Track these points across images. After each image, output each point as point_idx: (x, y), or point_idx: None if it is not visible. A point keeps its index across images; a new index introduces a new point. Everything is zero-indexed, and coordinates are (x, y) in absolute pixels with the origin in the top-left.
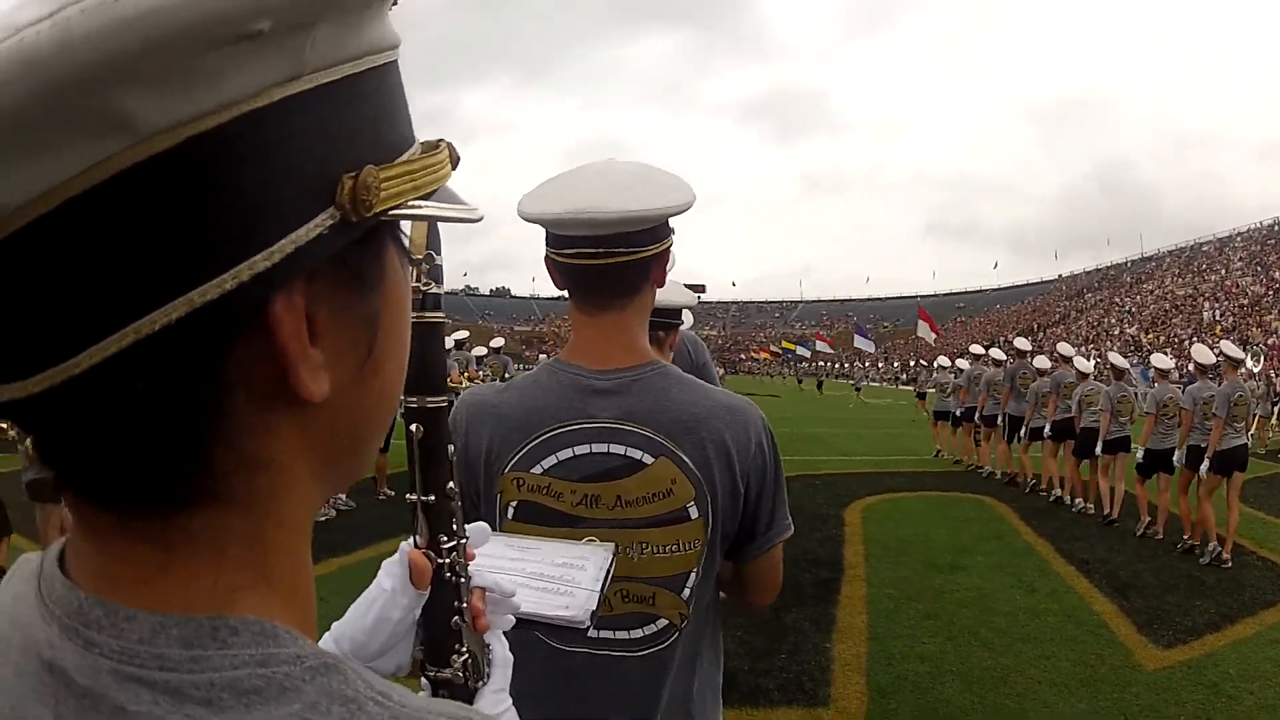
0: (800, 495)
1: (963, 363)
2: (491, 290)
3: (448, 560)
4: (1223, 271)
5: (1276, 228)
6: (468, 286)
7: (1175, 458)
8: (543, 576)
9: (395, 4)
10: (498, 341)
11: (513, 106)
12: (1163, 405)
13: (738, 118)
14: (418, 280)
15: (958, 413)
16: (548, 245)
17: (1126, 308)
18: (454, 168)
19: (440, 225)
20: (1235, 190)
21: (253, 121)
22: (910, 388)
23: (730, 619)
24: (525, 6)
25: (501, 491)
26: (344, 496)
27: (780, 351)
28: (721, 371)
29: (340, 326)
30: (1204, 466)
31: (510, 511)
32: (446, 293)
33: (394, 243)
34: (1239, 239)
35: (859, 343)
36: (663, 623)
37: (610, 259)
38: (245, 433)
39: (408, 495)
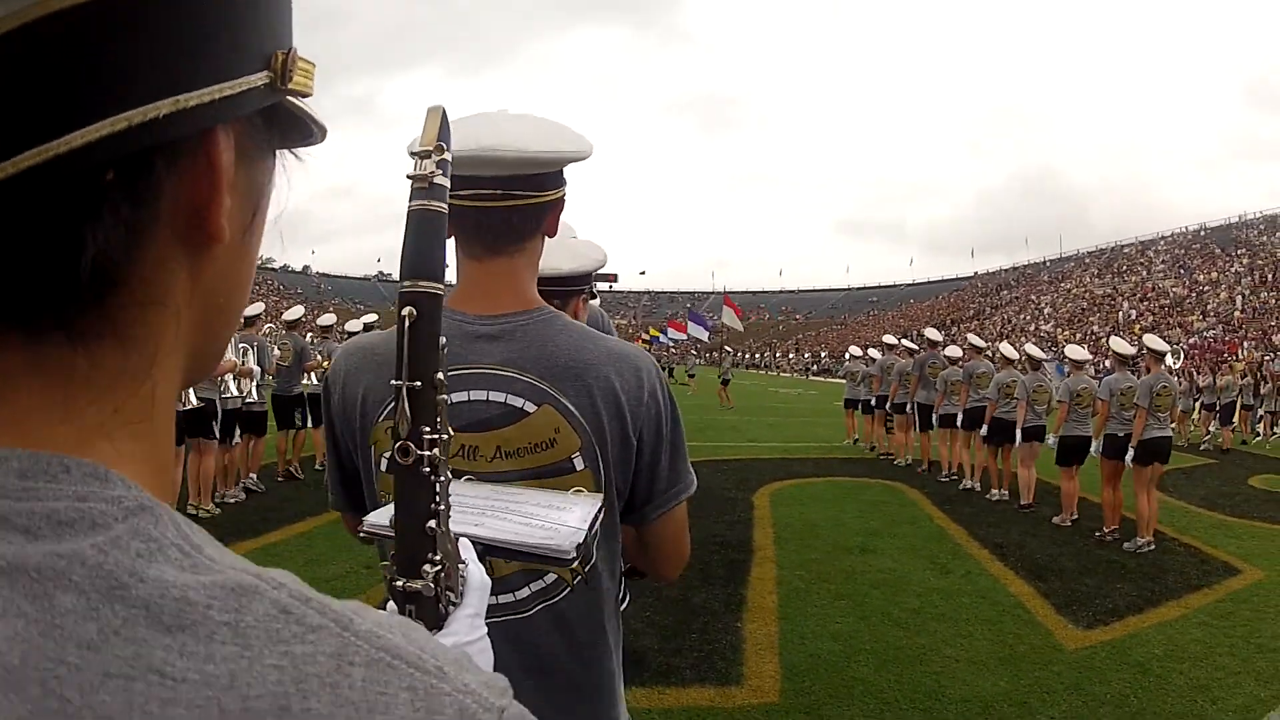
0: (708, 479)
1: (874, 353)
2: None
3: (427, 454)
4: (1144, 273)
5: (1202, 232)
6: (381, 273)
7: (1092, 448)
8: (528, 514)
9: None
10: (370, 317)
11: (448, 95)
12: (1076, 395)
13: (656, 112)
14: (427, 171)
15: (870, 401)
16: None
17: (1042, 305)
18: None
19: (361, 212)
20: (1160, 198)
21: None
22: (821, 379)
23: (639, 597)
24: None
25: (375, 442)
26: (254, 476)
27: (648, 339)
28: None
29: (243, 184)
30: (1129, 456)
31: (384, 463)
32: (360, 278)
33: (279, 137)
34: (1162, 242)
35: (693, 330)
36: (550, 577)
37: (510, 201)
38: (155, 267)
39: (392, 381)
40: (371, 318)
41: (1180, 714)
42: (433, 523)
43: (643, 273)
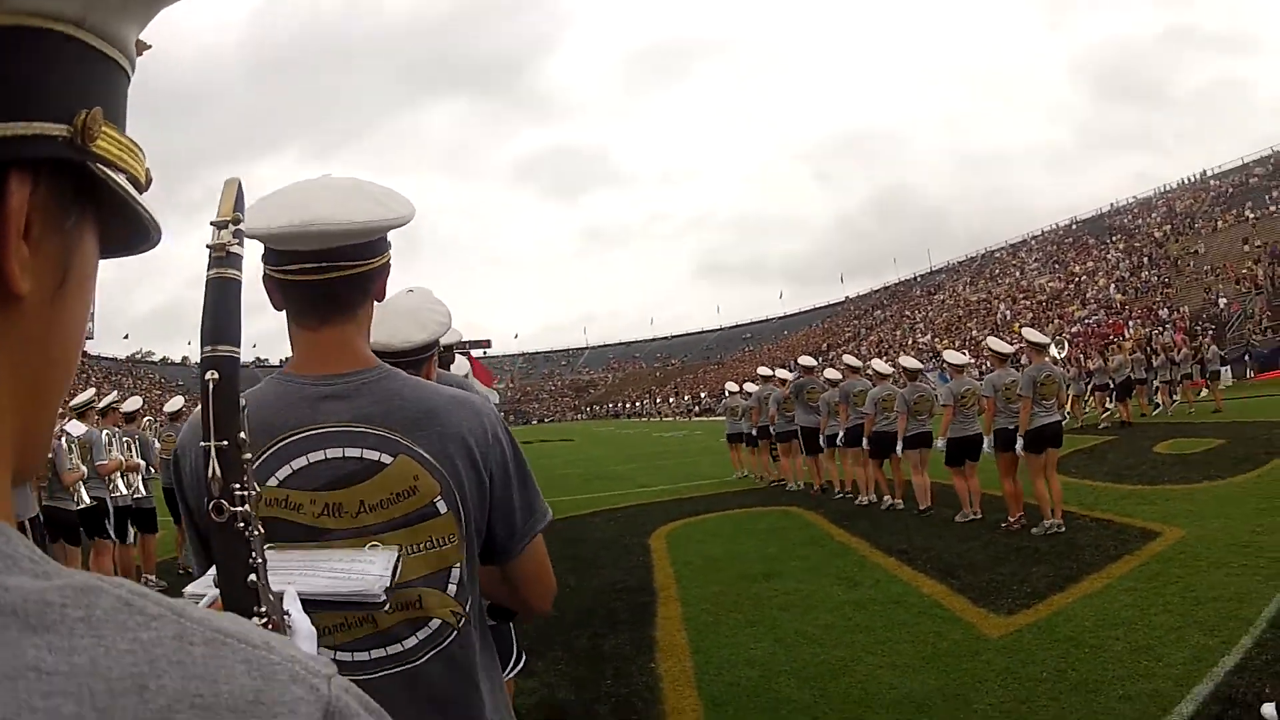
0: (602, 529)
1: (751, 386)
2: (281, 360)
3: (240, 509)
4: (1017, 274)
5: (1072, 226)
6: (258, 359)
7: (985, 444)
8: (333, 570)
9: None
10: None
11: (300, 176)
12: (960, 397)
13: (518, 178)
14: (223, 240)
15: (752, 432)
16: (265, 263)
17: (918, 319)
18: (146, 177)
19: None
20: (1023, 201)
21: (30, 33)
22: (704, 418)
23: (548, 651)
24: (316, 84)
25: None
26: (152, 576)
27: None
28: (534, 421)
29: (46, 240)
30: (1019, 445)
31: None
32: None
33: (93, 217)
34: (1034, 241)
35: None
36: (436, 623)
37: (333, 273)
38: None
39: (201, 442)
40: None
41: (1122, 677)
42: (253, 576)
43: (516, 336)
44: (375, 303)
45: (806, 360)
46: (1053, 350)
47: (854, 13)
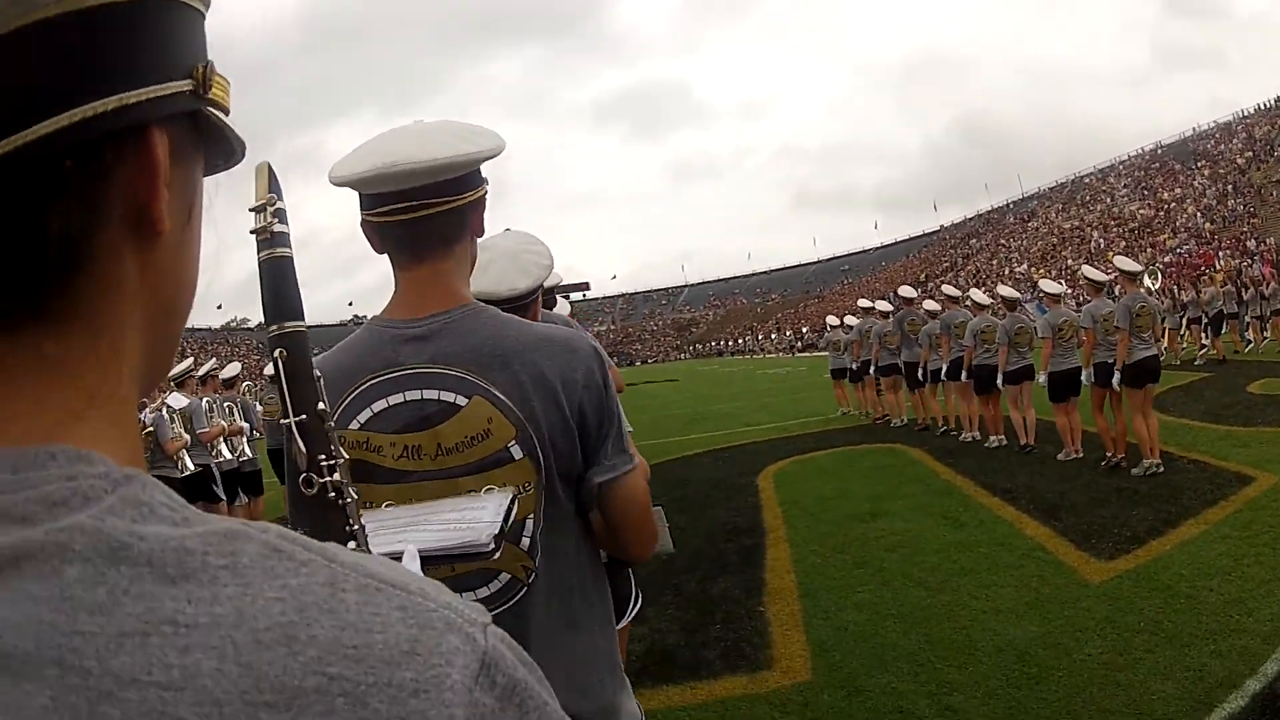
0: (710, 469)
1: (851, 319)
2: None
3: (330, 479)
4: (1108, 200)
5: (1159, 151)
6: (355, 317)
7: (1084, 376)
8: (444, 521)
9: None
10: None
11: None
12: (1057, 329)
13: (600, 119)
14: (266, 223)
15: (854, 367)
16: (362, 209)
17: (1014, 248)
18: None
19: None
20: (1110, 122)
21: (158, 3)
22: (807, 354)
23: (659, 596)
24: (376, 42)
25: None
26: None
27: None
28: (637, 363)
29: (178, 183)
30: (1115, 379)
31: None
32: (335, 324)
33: (202, 151)
34: (1121, 167)
35: None
36: (505, 578)
37: (424, 210)
38: (108, 254)
39: (280, 420)
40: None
41: (1215, 631)
42: (352, 544)
43: (614, 277)
44: (476, 239)
45: (906, 291)
46: (1146, 280)
47: None
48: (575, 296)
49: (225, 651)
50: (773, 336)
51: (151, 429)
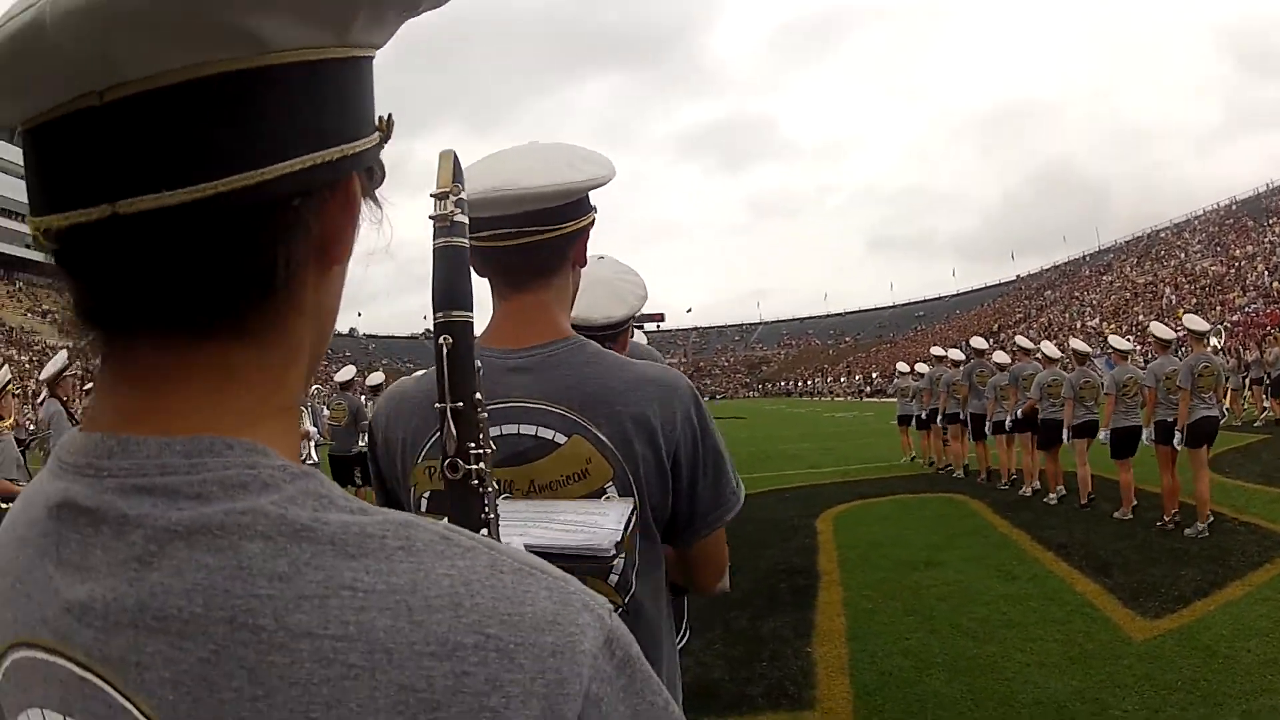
0: (772, 509)
1: (922, 367)
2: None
3: (475, 468)
4: (1181, 256)
5: (1233, 207)
6: (427, 331)
7: (1144, 435)
8: (568, 522)
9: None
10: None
11: (463, 155)
12: (1122, 385)
13: (683, 151)
14: (447, 210)
15: (922, 415)
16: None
17: (1087, 301)
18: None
19: (399, 274)
20: (1185, 177)
21: (346, 64)
22: (875, 399)
23: (707, 630)
24: (470, 61)
25: (415, 484)
26: None
27: None
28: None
29: (352, 222)
30: (1177, 439)
31: (423, 504)
32: (407, 337)
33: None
34: (1196, 222)
35: None
36: None
37: (527, 238)
38: (302, 281)
39: (435, 404)
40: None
41: (1250, 692)
42: (485, 531)
43: (689, 310)
44: (579, 269)
45: (978, 342)
46: (1212, 339)
47: None
48: (649, 327)
49: (399, 611)
50: (841, 380)
51: None
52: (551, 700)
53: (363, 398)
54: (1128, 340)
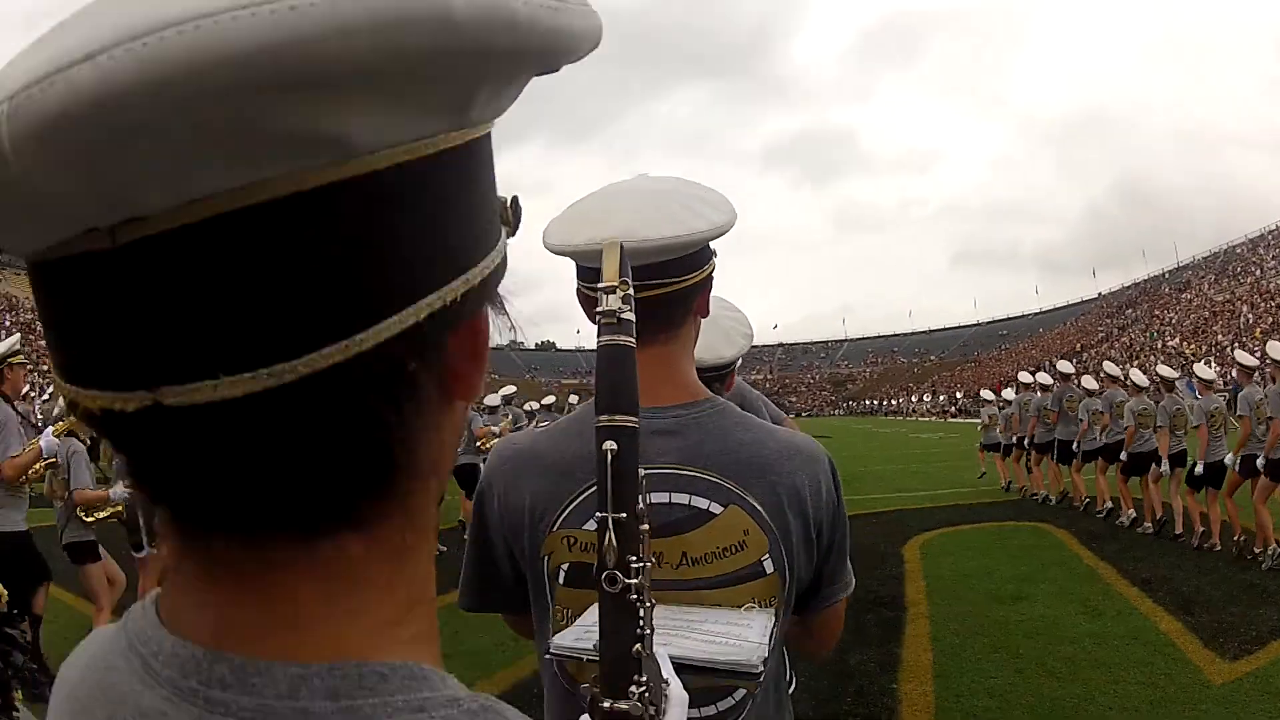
0: (859, 534)
1: (1008, 392)
2: (537, 345)
3: (635, 582)
4: (1257, 272)
5: None
6: (513, 341)
7: (1227, 459)
8: (711, 632)
9: None
10: (549, 399)
11: (549, 167)
12: (1210, 416)
13: (765, 163)
14: (613, 306)
15: (1011, 441)
16: (578, 278)
17: (1167, 320)
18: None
19: None
20: (1260, 188)
21: (463, 153)
22: (959, 419)
23: (794, 663)
24: (550, 76)
25: (550, 553)
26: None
27: None
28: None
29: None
30: (1260, 464)
31: (560, 576)
32: (494, 348)
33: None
34: (1270, 236)
35: None
36: (740, 694)
37: (648, 291)
38: (419, 443)
39: (597, 513)
40: (510, 389)
41: None
42: (638, 646)
43: (775, 327)
44: (700, 318)
45: (1065, 367)
46: None
47: None
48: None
49: None
50: (925, 399)
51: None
52: None
53: None
54: (1212, 368)
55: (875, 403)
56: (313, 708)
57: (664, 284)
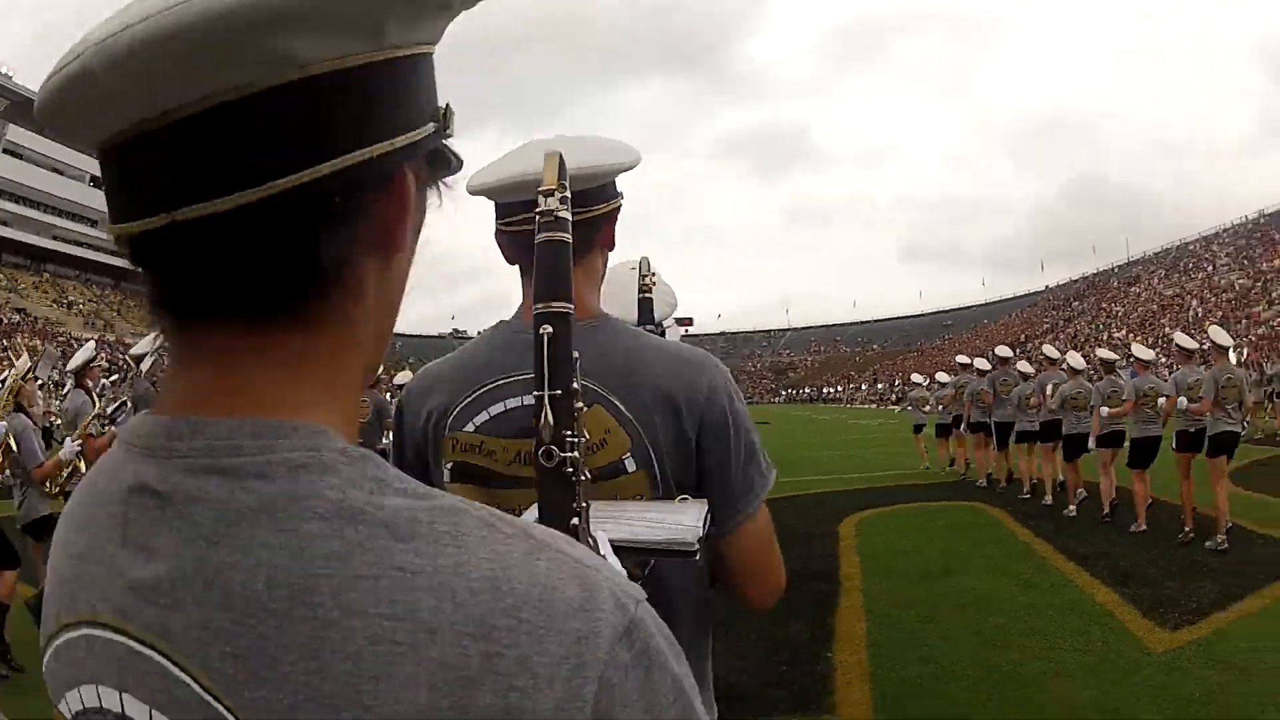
0: (793, 515)
1: (943, 376)
2: (479, 334)
3: (570, 455)
4: (1209, 269)
5: (1261, 220)
6: (455, 330)
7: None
8: (648, 519)
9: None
10: None
11: (500, 151)
12: (1143, 394)
13: (719, 156)
14: (551, 206)
15: (948, 421)
16: (497, 219)
17: (1115, 313)
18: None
19: (428, 273)
20: (1215, 189)
21: (419, 57)
22: (897, 406)
23: (726, 633)
24: (513, 64)
25: (442, 453)
26: None
27: None
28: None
29: (416, 207)
30: (1205, 447)
31: (445, 474)
32: (435, 335)
33: (435, 171)
34: (1225, 234)
35: None
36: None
37: None
38: (359, 270)
39: (534, 392)
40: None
41: (1266, 703)
42: (575, 520)
43: (719, 316)
44: (607, 252)
45: (1003, 351)
46: (1232, 355)
47: None
48: (680, 331)
49: (443, 593)
50: (863, 388)
51: None
52: (572, 683)
53: (388, 395)
54: (1150, 350)
55: (816, 391)
56: (240, 445)
57: (576, 212)
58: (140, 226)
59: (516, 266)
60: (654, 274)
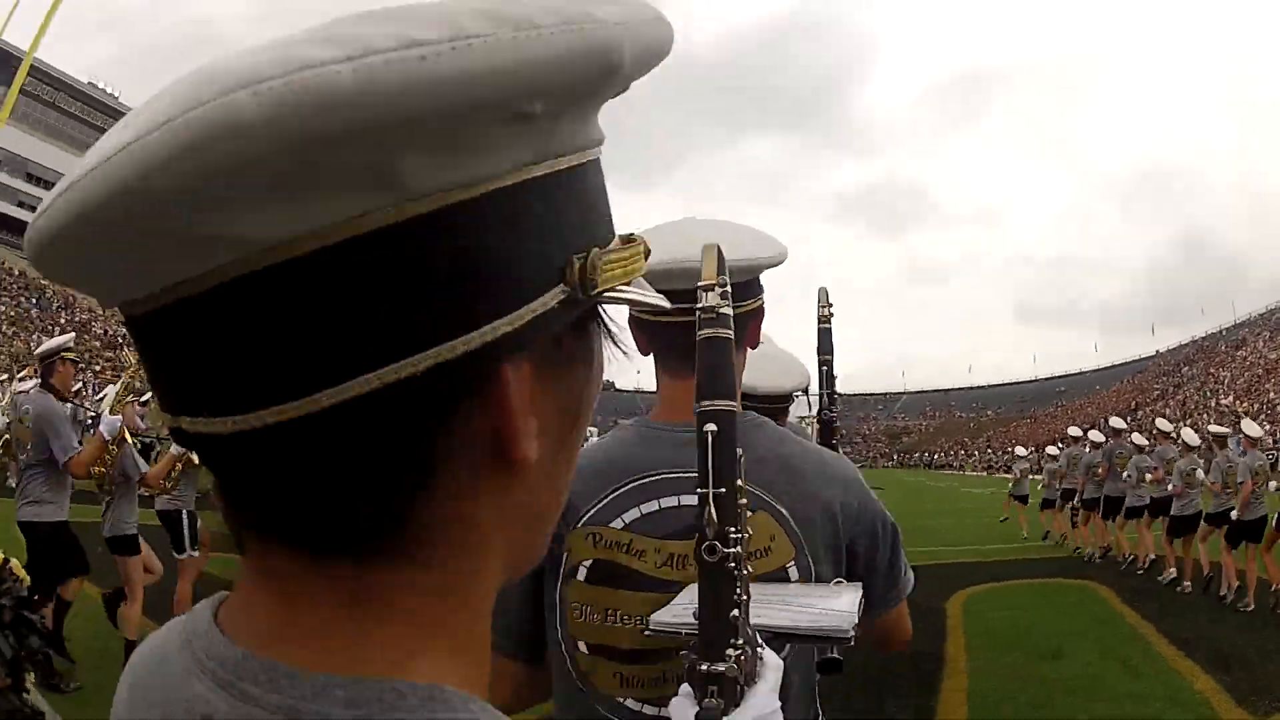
0: None
1: (1052, 449)
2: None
3: (733, 551)
4: None
5: None
6: None
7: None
8: (802, 605)
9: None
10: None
11: (621, 208)
12: (1254, 473)
13: (836, 213)
14: (713, 303)
15: (1055, 495)
16: (632, 306)
17: (1221, 378)
18: (646, 258)
19: None
20: None
21: (505, 196)
22: (1007, 474)
23: (824, 710)
24: (625, 118)
25: (570, 550)
26: None
27: None
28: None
29: (551, 398)
30: None
31: (581, 572)
32: None
33: (601, 325)
34: None
35: None
36: None
37: None
38: (457, 491)
39: (697, 489)
40: None
41: None
42: (735, 612)
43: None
44: (750, 350)
45: (1117, 422)
46: None
47: (1146, 39)
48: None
49: None
50: (975, 455)
51: None
52: None
53: None
54: (1260, 426)
55: (929, 456)
56: (332, 713)
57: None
58: (202, 428)
59: (649, 356)
60: (830, 305)
